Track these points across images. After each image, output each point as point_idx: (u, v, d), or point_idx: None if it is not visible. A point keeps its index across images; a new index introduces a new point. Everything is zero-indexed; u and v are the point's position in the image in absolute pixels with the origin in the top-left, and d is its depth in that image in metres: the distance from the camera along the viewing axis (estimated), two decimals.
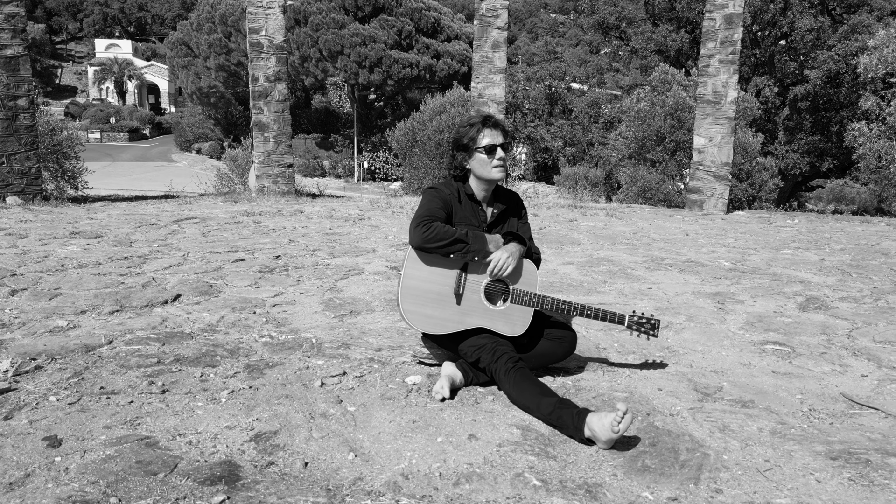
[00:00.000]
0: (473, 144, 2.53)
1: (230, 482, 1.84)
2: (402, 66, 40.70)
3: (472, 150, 2.54)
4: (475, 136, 2.52)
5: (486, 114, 2.65)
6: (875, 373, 2.86)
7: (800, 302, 4.07)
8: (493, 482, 1.88)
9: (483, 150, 2.52)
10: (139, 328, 3.22)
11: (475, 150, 2.54)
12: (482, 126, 2.52)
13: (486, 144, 2.52)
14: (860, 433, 2.24)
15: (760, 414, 2.38)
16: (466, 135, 2.54)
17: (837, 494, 1.84)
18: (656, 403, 2.46)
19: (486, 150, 2.52)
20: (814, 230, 7.65)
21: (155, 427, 2.17)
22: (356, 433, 2.17)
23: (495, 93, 9.92)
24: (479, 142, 2.52)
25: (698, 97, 9.46)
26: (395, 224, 7.24)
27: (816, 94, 20.42)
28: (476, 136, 2.52)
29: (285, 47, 9.70)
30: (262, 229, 6.62)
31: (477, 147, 2.53)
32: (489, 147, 2.52)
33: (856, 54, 17.51)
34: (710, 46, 9.18)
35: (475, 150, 2.54)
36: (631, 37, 25.27)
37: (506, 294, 2.53)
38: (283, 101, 9.77)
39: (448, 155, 2.70)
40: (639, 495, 1.83)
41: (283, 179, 9.93)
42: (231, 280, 4.32)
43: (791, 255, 5.77)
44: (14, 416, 2.22)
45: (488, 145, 2.52)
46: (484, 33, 9.88)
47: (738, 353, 3.09)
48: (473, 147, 2.54)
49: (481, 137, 2.52)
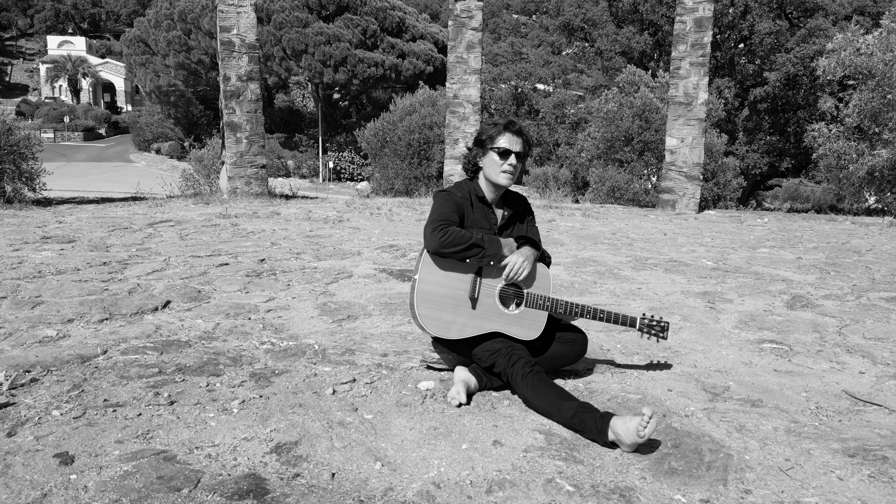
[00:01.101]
0: (490, 143, 2.53)
1: (259, 496, 1.80)
2: (367, 66, 40.47)
3: (487, 148, 2.54)
4: (494, 135, 2.52)
5: (512, 118, 2.64)
6: (871, 369, 2.94)
7: (787, 300, 4.17)
8: (526, 488, 1.87)
9: (497, 151, 2.51)
10: (133, 337, 3.12)
11: (490, 149, 2.53)
12: (504, 129, 2.52)
13: (502, 147, 2.51)
14: (869, 430, 2.30)
15: (772, 413, 2.43)
16: (486, 132, 2.54)
17: (861, 492, 1.88)
18: (669, 405, 2.49)
19: (500, 153, 2.51)
20: (784, 229, 7.86)
21: (169, 440, 2.10)
22: (378, 442, 2.14)
23: (470, 93, 9.92)
24: (496, 142, 2.52)
25: (670, 99, 9.62)
26: (377, 226, 7.19)
27: (775, 95, 21.01)
28: (495, 135, 2.52)
29: (257, 46, 9.54)
30: (240, 232, 6.49)
31: (492, 146, 2.52)
32: (503, 150, 2.51)
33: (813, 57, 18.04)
34: (681, 49, 9.34)
35: (490, 148, 2.53)
36: (596, 38, 25.59)
37: (520, 298, 2.53)
38: (255, 101, 9.61)
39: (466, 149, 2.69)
40: (671, 498, 1.84)
41: (255, 181, 9.77)
42: (219, 285, 4.22)
43: (768, 254, 5.91)
44: (18, 432, 2.13)
45: (503, 148, 2.51)
46: (458, 34, 9.88)
47: (738, 353, 3.14)
48: (489, 145, 2.53)
49: (499, 139, 2.51)
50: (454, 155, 10.08)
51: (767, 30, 20.89)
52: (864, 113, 13.81)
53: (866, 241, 6.81)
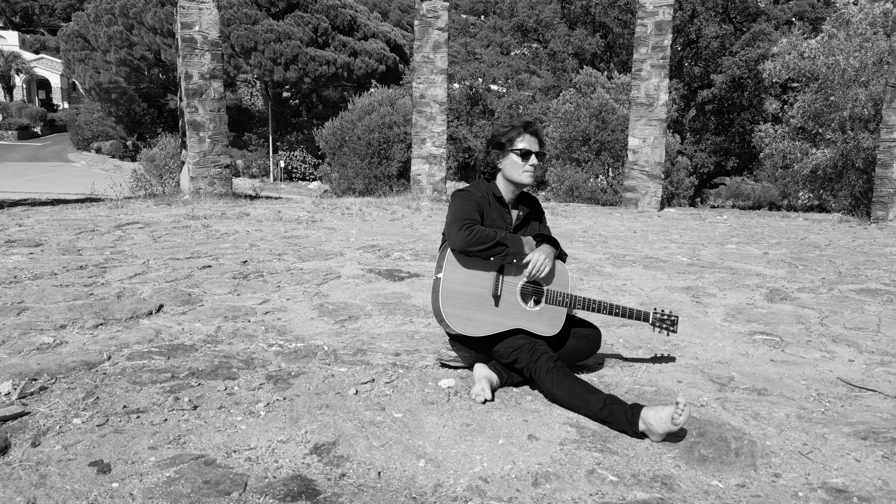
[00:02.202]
0: (510, 145, 2.57)
1: (311, 497, 1.80)
2: (318, 64, 39.99)
3: (507, 151, 2.58)
4: (514, 137, 2.57)
5: (529, 119, 2.68)
6: (859, 357, 3.11)
7: (765, 294, 4.36)
8: (571, 480, 1.92)
9: (518, 153, 2.57)
10: (135, 342, 3.05)
11: (510, 151, 2.58)
12: (523, 130, 2.57)
13: (523, 148, 2.56)
14: (871, 414, 2.44)
15: (779, 401, 2.55)
16: (505, 135, 2.58)
17: (879, 472, 2.01)
18: (683, 395, 2.58)
19: (521, 154, 2.56)
20: (744, 226, 8.18)
21: (203, 445, 2.07)
22: (414, 440, 2.15)
23: (437, 93, 9.96)
24: (516, 144, 2.57)
25: (632, 100, 9.88)
26: (352, 226, 7.15)
27: (721, 97, 21.80)
28: (515, 137, 2.57)
29: (220, 44, 9.34)
30: (214, 234, 6.36)
31: (513, 148, 2.57)
32: (524, 151, 2.56)
33: (758, 60, 18.77)
34: (643, 51, 9.60)
35: (510, 150, 2.58)
36: (549, 40, 25.97)
37: (540, 295, 2.58)
38: (219, 100, 9.41)
39: (482, 151, 2.72)
40: (709, 484, 1.92)
41: (220, 181, 9.57)
42: (208, 288, 4.15)
43: (736, 250, 6.15)
44: (42, 442, 2.06)
45: (524, 149, 2.56)
46: (425, 34, 9.90)
47: (733, 344, 3.28)
48: (509, 147, 2.58)
49: (519, 140, 2.56)
50: (422, 154, 10.10)
51: (714, 34, 21.67)
52: (808, 114, 14.47)
53: (823, 237, 7.16)
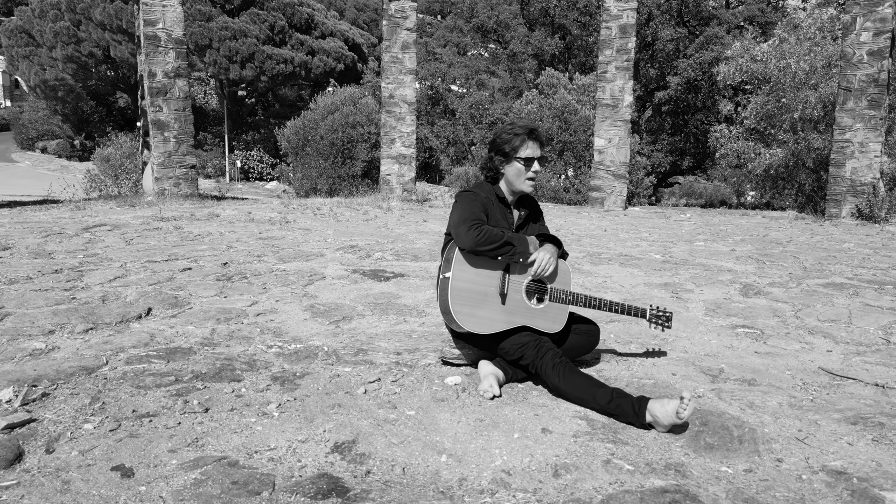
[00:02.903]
0: (514, 153, 2.62)
1: (341, 494, 1.82)
2: (275, 62, 39.45)
3: (512, 158, 2.64)
4: (518, 146, 2.61)
5: (532, 125, 2.73)
6: (836, 348, 3.28)
7: (739, 289, 4.54)
8: (589, 470, 1.99)
9: (522, 161, 2.62)
10: (130, 346, 3.00)
11: (514, 159, 2.63)
12: (527, 138, 2.62)
13: (526, 156, 2.62)
14: (856, 401, 2.59)
15: (770, 390, 2.68)
16: (510, 143, 2.62)
17: (871, 454, 2.14)
18: (679, 387, 2.69)
19: (525, 162, 2.62)
20: (708, 223, 8.45)
21: (222, 447, 2.08)
22: (431, 436, 2.20)
23: (406, 93, 9.98)
24: (520, 152, 2.62)
25: (597, 101, 10.08)
26: (327, 227, 7.12)
27: (677, 98, 22.40)
28: (519, 146, 2.61)
29: (185, 42, 9.17)
30: (187, 236, 6.27)
31: (517, 157, 2.62)
32: (528, 159, 2.62)
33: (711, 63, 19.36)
34: (608, 54, 9.82)
35: (514, 158, 2.63)
36: (509, 41, 26.22)
37: (544, 293, 2.65)
38: (184, 99, 9.24)
39: (484, 156, 2.77)
40: (718, 470, 2.02)
41: (185, 182, 9.40)
42: (194, 290, 4.10)
43: (704, 247, 6.37)
44: (56, 448, 2.03)
45: (528, 157, 2.62)
46: (393, 34, 9.91)
47: (718, 338, 3.42)
48: (514, 155, 2.63)
49: (524, 148, 2.61)
50: (391, 154, 10.10)
51: (669, 37, 22.24)
52: (760, 115, 15.01)
53: (783, 234, 7.46)
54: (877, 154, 8.68)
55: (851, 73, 8.70)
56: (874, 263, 5.56)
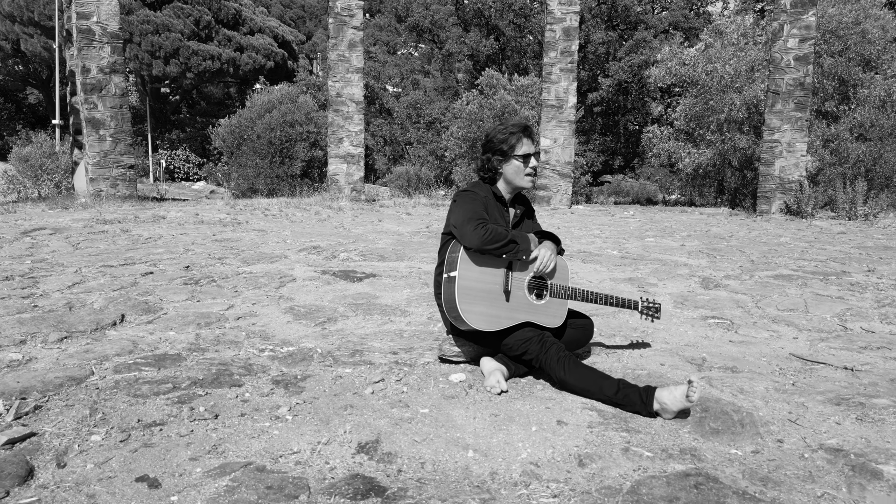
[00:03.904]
0: (512, 151, 2.68)
1: (379, 493, 1.83)
2: (202, 59, 38.19)
3: (510, 157, 2.69)
4: (515, 143, 2.67)
5: (525, 123, 2.79)
6: (800, 335, 3.50)
7: (699, 282, 4.76)
8: (611, 458, 2.07)
9: (520, 158, 2.68)
10: (114, 354, 2.88)
11: (512, 157, 2.69)
12: (522, 135, 2.68)
13: (524, 153, 2.68)
14: (832, 383, 2.78)
15: (753, 377, 2.84)
16: (506, 141, 2.67)
17: (858, 432, 2.30)
18: (671, 377, 2.81)
19: (523, 158, 2.68)
20: (651, 220, 8.78)
21: (243, 452, 2.04)
22: (451, 432, 2.22)
23: (354, 92, 9.90)
24: (518, 150, 2.67)
25: (542, 102, 10.30)
26: (283, 228, 6.99)
27: (609, 100, 23.13)
28: (516, 143, 2.67)
29: (121, 36, 8.78)
30: (137, 238, 6.02)
31: (515, 154, 2.68)
32: (526, 156, 2.68)
33: (641, 66, 20.09)
34: (552, 56, 10.04)
35: (513, 156, 2.68)
36: (444, 41, 26.36)
37: (544, 289, 2.72)
38: (121, 96, 8.85)
39: (480, 157, 2.81)
40: (728, 452, 2.13)
41: (123, 182, 9.00)
42: (163, 295, 3.96)
43: (655, 243, 6.63)
44: (68, 462, 1.94)
45: (525, 154, 2.68)
46: (339, 32, 9.80)
47: (692, 329, 3.58)
48: (512, 154, 2.68)
49: (520, 146, 2.67)
50: (339, 154, 10.00)
51: (600, 40, 22.93)
52: (689, 117, 15.69)
53: (723, 229, 7.85)
54: (803, 153, 9.26)
55: (779, 77, 9.25)
56: (813, 256, 5.94)
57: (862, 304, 4.13)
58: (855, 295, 4.38)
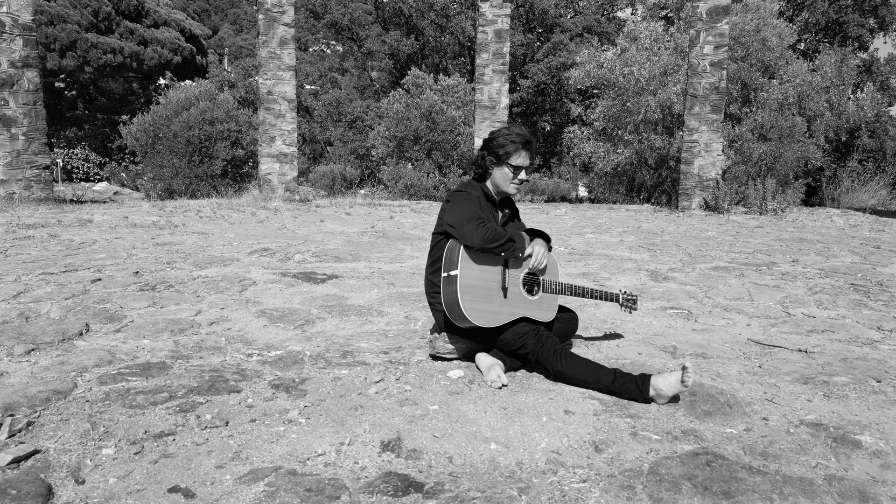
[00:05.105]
0: (507, 158, 2.76)
1: (418, 489, 1.86)
2: (102, 52, 36.04)
3: (503, 163, 2.77)
4: (511, 152, 2.75)
5: (529, 137, 2.84)
6: (752, 322, 3.78)
7: (648, 275, 5.02)
8: (623, 443, 2.19)
9: (511, 168, 2.77)
10: (93, 365, 2.75)
11: (505, 164, 2.77)
12: (521, 147, 2.76)
13: (517, 164, 2.77)
14: (793, 365, 3.03)
15: (725, 362, 3.06)
16: (504, 147, 2.75)
17: (828, 407, 2.54)
18: (650, 364, 2.99)
19: (514, 169, 2.78)
20: (584, 217, 9.13)
21: (268, 457, 2.02)
22: (467, 427, 2.28)
23: (286, 90, 9.71)
24: (512, 159, 2.76)
25: (476, 103, 10.47)
26: (224, 230, 6.78)
27: (528, 100, 23.73)
28: (512, 153, 2.75)
29: (34, 28, 8.22)
30: (70, 244, 5.69)
31: (508, 162, 2.77)
32: (517, 167, 2.78)
33: (559, 68, 20.72)
34: (485, 57, 10.22)
35: (506, 163, 2.77)
36: (364, 39, 26.17)
37: (536, 285, 2.82)
38: (34, 92, 8.29)
39: (478, 152, 2.87)
40: (724, 431, 2.30)
41: (38, 184, 8.44)
42: (123, 302, 3.78)
43: (595, 239, 6.91)
44: (87, 479, 1.86)
45: (517, 165, 2.78)
46: (270, 29, 9.58)
47: (656, 319, 3.79)
48: (505, 160, 2.77)
49: (516, 156, 2.76)
50: (272, 153, 9.78)
51: (519, 42, 23.47)
52: (608, 118, 16.35)
53: (653, 225, 8.27)
54: (719, 153, 9.90)
55: (697, 81, 9.84)
56: (740, 248, 6.38)
57: (797, 292, 4.50)
58: (788, 283, 4.76)
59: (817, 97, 16.85)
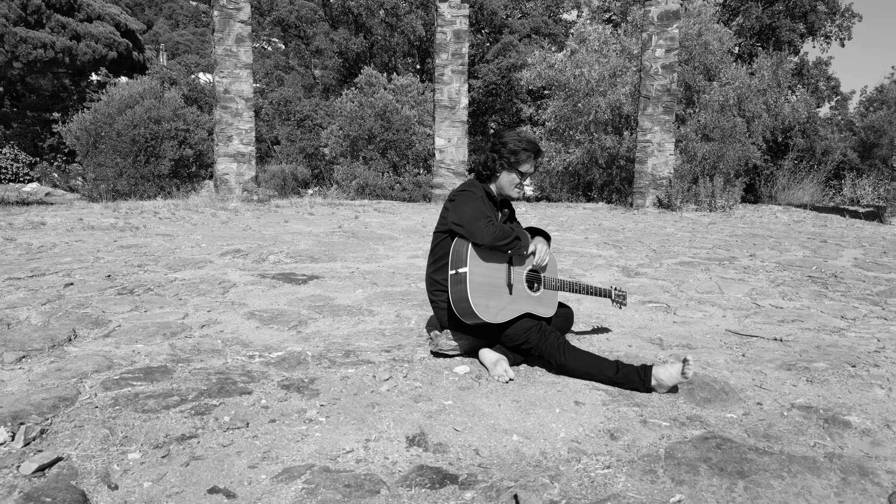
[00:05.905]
0: (517, 166, 2.84)
1: (453, 480, 1.91)
2: (32, 47, 34.27)
3: (513, 169, 2.85)
4: (523, 160, 2.83)
5: (538, 146, 2.91)
6: (727, 313, 3.98)
7: (620, 271, 5.19)
8: (636, 430, 2.29)
9: (519, 175, 2.86)
10: (92, 371, 2.68)
11: (514, 170, 2.85)
12: (532, 156, 2.85)
13: (524, 171, 2.86)
14: (772, 353, 3.21)
15: (711, 351, 3.21)
16: (515, 154, 2.82)
17: (814, 391, 2.71)
18: (643, 356, 3.11)
19: (521, 175, 2.86)
20: (546, 215, 9.31)
21: (297, 456, 2.03)
22: (486, 420, 2.34)
23: (243, 88, 9.54)
24: (522, 167, 2.84)
25: (436, 103, 10.53)
26: (189, 231, 6.64)
27: (479, 100, 23.91)
28: (524, 161, 2.83)
29: None
30: (30, 248, 5.47)
31: (518, 169, 2.85)
32: (524, 174, 2.86)
33: (510, 69, 20.98)
34: (444, 57, 10.29)
35: (515, 170, 2.85)
36: (312, 37, 25.84)
37: (537, 281, 2.90)
38: None
39: (486, 153, 2.93)
40: (725, 416, 2.44)
41: None
42: (103, 307, 3.68)
43: (561, 237, 7.07)
44: (120, 484, 1.84)
45: (525, 172, 2.86)
46: (226, 26, 9.40)
47: (637, 313, 3.94)
48: (516, 168, 2.84)
49: (524, 164, 2.84)
50: (229, 153, 9.59)
51: (470, 42, 23.60)
52: (559, 118, 16.68)
53: (613, 223, 8.52)
54: (671, 153, 10.25)
55: (650, 83, 10.16)
56: (699, 244, 6.66)
57: (761, 285, 4.74)
58: (752, 277, 5.01)
59: (755, 99, 17.60)
